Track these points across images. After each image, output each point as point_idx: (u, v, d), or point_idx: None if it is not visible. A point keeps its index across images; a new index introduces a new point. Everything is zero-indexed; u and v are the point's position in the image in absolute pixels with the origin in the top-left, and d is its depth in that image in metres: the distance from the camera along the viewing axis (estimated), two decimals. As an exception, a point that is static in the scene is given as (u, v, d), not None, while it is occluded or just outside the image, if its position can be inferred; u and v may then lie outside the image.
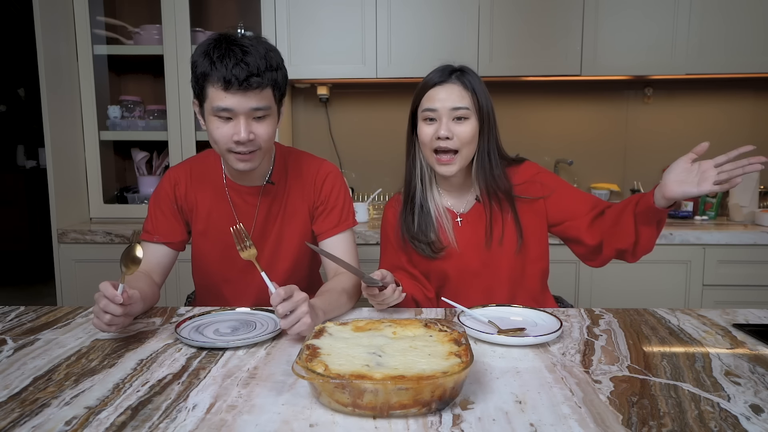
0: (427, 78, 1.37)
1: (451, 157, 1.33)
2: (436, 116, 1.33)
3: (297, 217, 1.42)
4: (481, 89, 1.35)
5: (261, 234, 1.41)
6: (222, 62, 1.15)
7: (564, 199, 1.41)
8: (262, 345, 1.05)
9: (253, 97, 1.18)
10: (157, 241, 1.38)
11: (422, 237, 1.40)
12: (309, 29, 2.43)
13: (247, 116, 1.20)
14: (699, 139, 2.72)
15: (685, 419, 0.76)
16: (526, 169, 1.44)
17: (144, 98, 2.67)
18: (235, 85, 1.15)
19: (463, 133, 1.32)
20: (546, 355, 1.01)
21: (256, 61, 1.17)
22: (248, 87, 1.16)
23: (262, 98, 1.20)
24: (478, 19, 2.41)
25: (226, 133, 1.21)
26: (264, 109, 1.21)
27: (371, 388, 0.75)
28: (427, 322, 0.99)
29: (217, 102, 1.18)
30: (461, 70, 1.36)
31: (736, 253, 2.24)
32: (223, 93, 1.17)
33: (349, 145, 2.84)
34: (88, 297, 2.33)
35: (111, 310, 1.04)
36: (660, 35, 2.40)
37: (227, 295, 1.45)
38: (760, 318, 1.23)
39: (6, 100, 5.17)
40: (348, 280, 1.32)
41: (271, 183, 1.39)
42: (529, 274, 1.42)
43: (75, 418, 0.77)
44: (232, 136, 1.20)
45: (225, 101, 1.17)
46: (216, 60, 1.16)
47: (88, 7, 2.40)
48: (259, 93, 1.19)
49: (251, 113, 1.20)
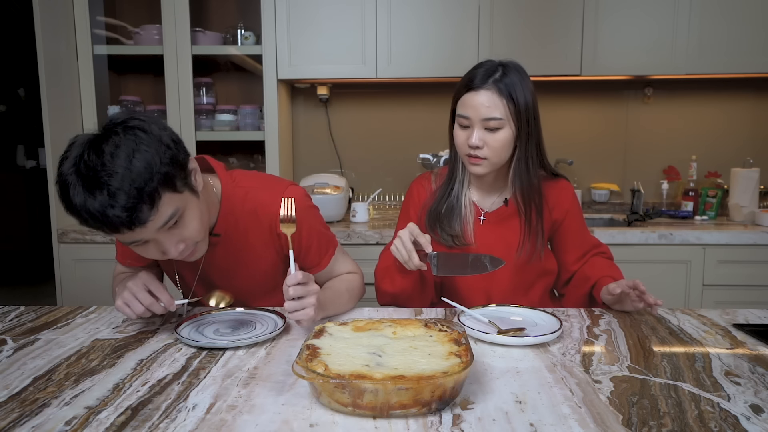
0: (467, 77, 1.32)
1: (481, 159, 1.30)
2: (468, 123, 1.30)
3: (264, 252, 1.26)
4: (521, 93, 1.28)
5: (228, 283, 1.27)
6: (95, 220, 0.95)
7: (567, 233, 1.44)
8: (262, 345, 1.05)
9: (150, 227, 0.98)
10: (131, 265, 1.32)
11: (446, 225, 1.38)
12: (309, 29, 2.43)
13: (156, 241, 1.03)
14: (699, 139, 2.76)
15: (685, 419, 0.76)
16: (561, 190, 1.43)
17: (144, 98, 2.67)
18: (123, 229, 0.96)
19: (494, 143, 1.28)
20: (546, 355, 1.01)
21: (124, 199, 0.93)
22: (136, 225, 0.96)
23: (157, 220, 0.98)
24: (478, 19, 2.41)
25: (155, 254, 1.07)
26: (168, 221, 1.00)
27: (371, 388, 0.75)
28: (427, 322, 0.99)
29: (122, 243, 1.09)
30: (503, 71, 1.29)
31: (736, 253, 2.24)
32: (119, 235, 0.99)
33: (349, 145, 2.84)
34: (88, 297, 2.33)
35: (155, 309, 1.09)
36: (660, 35, 2.40)
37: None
38: (760, 318, 1.23)
39: (6, 100, 5.17)
40: (352, 280, 1.33)
41: (215, 235, 1.19)
42: (536, 287, 1.43)
43: (75, 418, 0.77)
44: (162, 255, 1.06)
45: (126, 239, 1.01)
46: (89, 219, 0.95)
47: (88, 7, 2.40)
48: (156, 217, 0.97)
49: (160, 235, 1.02)
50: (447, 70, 2.44)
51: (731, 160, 2.69)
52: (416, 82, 2.68)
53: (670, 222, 2.49)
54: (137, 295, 1.09)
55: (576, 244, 1.44)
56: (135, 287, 1.09)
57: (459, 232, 1.37)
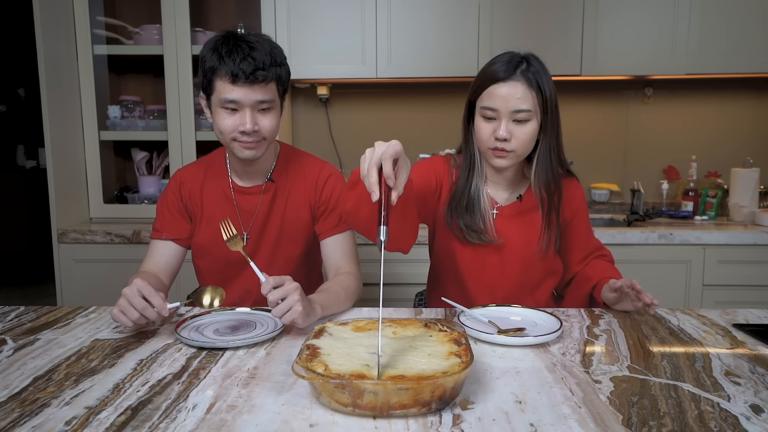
0: (491, 69, 1.28)
1: (507, 152, 1.28)
2: (495, 116, 1.26)
3: (298, 216, 1.44)
4: (547, 83, 1.26)
5: (260, 231, 1.43)
6: (230, 57, 1.22)
7: (573, 234, 1.44)
8: (262, 345, 1.05)
9: (258, 90, 1.25)
10: (166, 237, 1.42)
11: (469, 220, 1.36)
12: (309, 29, 2.43)
13: (252, 108, 1.27)
14: (699, 139, 2.76)
15: (685, 419, 0.76)
16: (572, 189, 1.42)
17: (144, 98, 2.66)
18: (242, 78, 1.22)
19: (522, 135, 1.26)
20: (546, 355, 1.01)
21: (262, 56, 1.24)
22: (254, 80, 1.23)
23: (266, 91, 1.27)
24: (478, 19, 2.41)
25: (232, 124, 1.27)
26: (268, 102, 1.28)
27: (371, 388, 0.75)
28: (427, 322, 0.99)
29: (225, 94, 1.25)
30: (527, 62, 1.27)
31: (736, 253, 2.24)
32: (230, 86, 1.24)
33: (349, 145, 2.84)
34: (88, 297, 2.33)
35: (148, 314, 1.08)
36: (660, 35, 2.40)
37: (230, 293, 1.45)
38: (760, 318, 1.23)
39: (6, 100, 5.17)
40: (348, 280, 1.33)
41: (271, 181, 1.42)
42: (543, 287, 1.43)
43: (75, 418, 0.77)
44: (238, 126, 1.27)
45: (232, 93, 1.24)
46: (224, 55, 1.23)
47: (88, 7, 2.40)
48: (264, 86, 1.26)
49: (256, 105, 1.27)
50: (447, 70, 2.44)
51: (731, 160, 2.69)
52: (416, 82, 2.68)
53: (670, 222, 2.49)
54: (132, 301, 1.07)
55: (581, 246, 1.44)
56: (129, 293, 1.08)
57: (482, 228, 1.36)
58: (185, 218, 1.45)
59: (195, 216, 1.45)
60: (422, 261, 1.63)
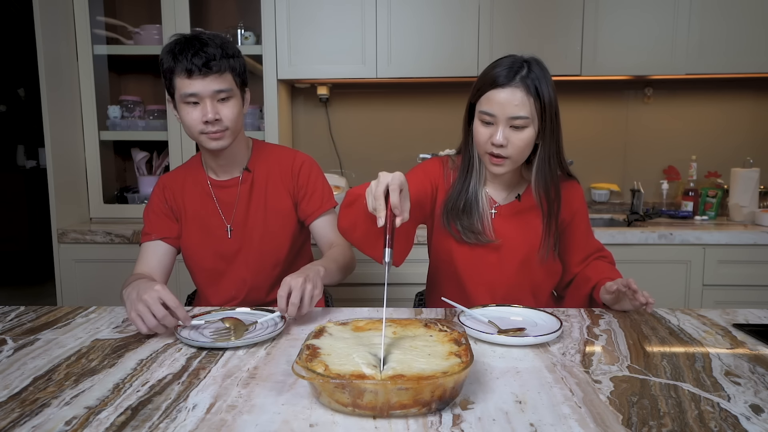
0: (492, 73, 1.27)
1: (503, 159, 1.29)
2: (493, 121, 1.26)
3: (279, 203, 1.49)
4: (547, 90, 1.26)
5: (243, 222, 1.47)
6: (183, 54, 1.30)
7: (573, 235, 1.44)
8: (262, 345, 1.05)
9: (214, 80, 1.32)
10: (156, 238, 1.46)
11: (466, 221, 1.36)
12: (309, 29, 2.43)
13: (211, 98, 1.33)
14: (699, 139, 2.76)
15: (685, 419, 0.76)
16: (572, 191, 1.42)
17: (144, 98, 2.66)
18: (197, 71, 1.30)
19: (518, 141, 1.26)
20: (546, 355, 1.01)
21: (213, 50, 1.32)
22: (208, 71, 1.31)
23: (222, 81, 1.34)
24: (478, 19, 2.41)
25: (196, 117, 1.34)
26: (226, 91, 1.34)
27: (371, 388, 0.75)
28: (427, 322, 0.99)
29: (184, 89, 1.32)
30: (528, 67, 1.26)
31: (736, 253, 2.24)
32: (188, 80, 1.32)
33: (349, 145, 2.84)
34: (88, 297, 2.33)
35: (167, 322, 1.09)
36: (660, 35, 2.40)
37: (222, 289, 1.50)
38: (760, 318, 1.23)
39: (6, 100, 5.17)
40: (341, 252, 1.42)
41: (248, 170, 1.48)
42: (544, 288, 1.43)
43: (75, 418, 0.77)
44: (202, 118, 1.33)
45: (191, 87, 1.32)
46: (178, 53, 1.31)
47: (88, 7, 2.40)
48: (219, 77, 1.33)
49: (215, 95, 1.33)
50: (447, 70, 2.44)
51: (731, 160, 2.69)
52: (416, 82, 2.68)
53: (670, 222, 2.49)
54: (152, 308, 1.07)
55: (581, 247, 1.44)
56: (150, 299, 1.07)
57: (480, 229, 1.36)
58: (172, 219, 1.49)
59: (180, 216, 1.49)
60: (422, 261, 1.63)
